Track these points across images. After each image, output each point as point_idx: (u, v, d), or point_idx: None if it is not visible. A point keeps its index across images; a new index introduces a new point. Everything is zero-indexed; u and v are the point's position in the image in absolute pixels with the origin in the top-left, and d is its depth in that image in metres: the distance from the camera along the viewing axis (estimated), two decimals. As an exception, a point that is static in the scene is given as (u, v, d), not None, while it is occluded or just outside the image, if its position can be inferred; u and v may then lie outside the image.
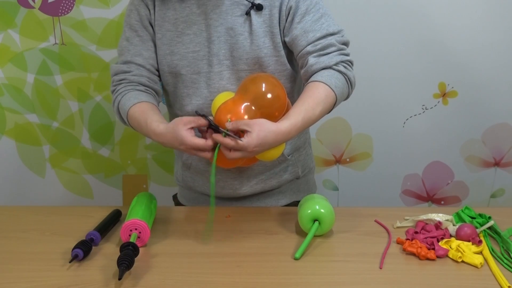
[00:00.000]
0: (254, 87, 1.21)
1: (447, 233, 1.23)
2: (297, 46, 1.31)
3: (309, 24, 1.30)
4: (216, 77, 1.34)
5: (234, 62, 1.34)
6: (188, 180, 1.50)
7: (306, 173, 1.55)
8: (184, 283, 1.06)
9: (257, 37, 1.32)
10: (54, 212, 1.35)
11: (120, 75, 1.38)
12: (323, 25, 1.30)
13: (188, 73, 1.35)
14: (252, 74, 1.29)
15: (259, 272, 1.10)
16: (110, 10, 1.87)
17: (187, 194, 1.55)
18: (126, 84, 1.37)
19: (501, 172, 2.13)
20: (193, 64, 1.34)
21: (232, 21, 1.32)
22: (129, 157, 2.08)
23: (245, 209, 1.39)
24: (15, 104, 1.98)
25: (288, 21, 1.32)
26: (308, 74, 1.30)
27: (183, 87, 1.37)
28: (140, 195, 1.32)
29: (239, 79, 1.34)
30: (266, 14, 1.32)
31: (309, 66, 1.29)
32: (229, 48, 1.33)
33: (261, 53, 1.32)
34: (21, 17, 1.86)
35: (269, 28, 1.32)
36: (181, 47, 1.34)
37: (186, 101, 1.38)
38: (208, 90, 1.35)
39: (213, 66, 1.34)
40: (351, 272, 1.11)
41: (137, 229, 1.17)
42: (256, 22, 1.32)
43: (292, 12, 1.31)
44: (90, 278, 1.07)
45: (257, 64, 1.33)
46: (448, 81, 1.99)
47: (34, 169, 2.07)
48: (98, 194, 2.12)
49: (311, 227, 1.21)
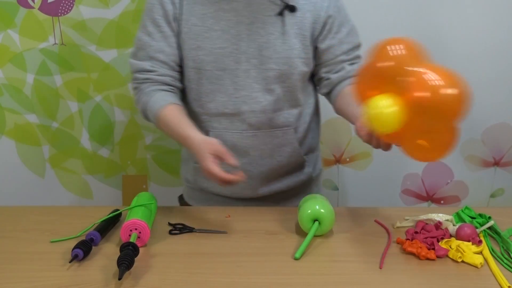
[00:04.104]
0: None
1: (447, 233, 1.24)
2: (331, 54, 1.40)
3: (344, 35, 1.39)
4: (243, 75, 1.35)
5: (262, 61, 1.34)
6: (201, 182, 1.49)
7: (318, 174, 1.56)
8: (184, 283, 1.06)
9: (289, 37, 1.34)
10: (54, 212, 1.35)
11: (144, 74, 1.37)
12: (353, 38, 1.42)
13: (214, 69, 1.34)
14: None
15: (259, 272, 1.10)
16: (109, 10, 1.87)
17: (198, 195, 1.54)
18: (150, 83, 1.36)
19: (500, 172, 2.13)
20: (219, 60, 1.34)
21: (263, 19, 1.32)
22: (129, 157, 2.08)
23: (245, 209, 1.39)
24: (14, 104, 1.97)
25: (326, 29, 1.37)
26: (344, 78, 1.41)
27: (208, 83, 1.36)
28: (140, 195, 1.32)
29: (265, 78, 1.35)
30: (298, 16, 1.34)
31: (347, 72, 1.40)
32: (258, 47, 1.33)
33: (292, 53, 1.34)
34: (21, 17, 1.86)
35: (300, 31, 1.34)
36: (208, 43, 1.33)
37: (209, 98, 1.37)
38: (233, 87, 1.35)
39: (240, 64, 1.34)
40: (351, 272, 1.11)
41: (137, 229, 1.17)
42: (288, 23, 1.33)
43: (331, 22, 1.36)
44: (90, 278, 1.07)
45: (286, 64, 1.35)
46: (448, 81, 1.99)
47: (33, 170, 2.07)
48: (98, 194, 2.12)
49: (311, 227, 1.21)
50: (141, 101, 1.37)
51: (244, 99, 1.36)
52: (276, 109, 1.39)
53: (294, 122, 1.43)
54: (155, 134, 2.05)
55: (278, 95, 1.38)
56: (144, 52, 1.37)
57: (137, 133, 2.04)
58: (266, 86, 1.36)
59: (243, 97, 1.36)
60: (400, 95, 1.05)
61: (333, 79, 1.42)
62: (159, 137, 2.05)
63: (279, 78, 1.36)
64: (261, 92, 1.36)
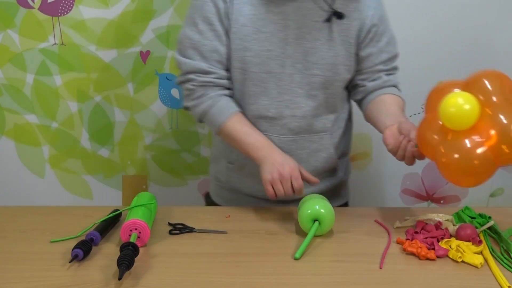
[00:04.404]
0: None
1: (447, 233, 1.24)
2: (370, 62, 1.42)
3: (384, 45, 1.41)
4: (287, 79, 1.35)
5: (307, 66, 1.34)
6: (234, 181, 1.49)
7: (347, 177, 1.58)
8: (184, 283, 1.06)
9: (335, 44, 1.34)
10: (54, 212, 1.35)
11: (203, 76, 1.35)
12: (391, 47, 1.44)
13: (259, 71, 1.34)
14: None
15: (259, 272, 1.10)
16: (109, 10, 1.87)
17: (227, 195, 1.53)
18: (212, 87, 1.36)
19: (500, 172, 2.12)
20: (265, 63, 1.33)
21: (311, 25, 1.32)
22: (129, 157, 2.08)
23: (245, 209, 1.39)
24: (14, 105, 1.97)
25: (369, 37, 1.38)
26: (379, 87, 1.43)
27: (252, 85, 1.36)
28: (140, 195, 1.32)
29: (309, 84, 1.36)
30: (345, 24, 1.34)
31: (383, 82, 1.43)
32: (304, 52, 1.33)
33: (337, 60, 1.35)
34: (21, 17, 1.86)
35: (346, 38, 1.35)
36: (255, 44, 1.33)
37: (252, 100, 1.37)
38: (277, 91, 1.35)
39: (285, 68, 1.34)
40: (351, 272, 1.11)
41: (137, 229, 1.17)
42: (335, 30, 1.34)
43: (374, 30, 1.38)
44: (90, 278, 1.07)
45: (331, 71, 1.35)
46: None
47: (33, 170, 2.07)
48: (98, 194, 2.12)
49: (311, 227, 1.21)
50: (203, 105, 1.36)
51: (287, 103, 1.36)
52: (315, 115, 1.39)
53: (330, 128, 1.43)
54: (155, 134, 2.05)
55: (319, 101, 1.38)
56: (196, 51, 1.35)
57: (137, 133, 2.04)
58: (309, 92, 1.36)
59: (286, 101, 1.36)
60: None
61: (368, 87, 1.43)
62: (159, 137, 2.05)
63: (323, 85, 1.36)
64: (304, 97, 1.36)
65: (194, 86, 1.36)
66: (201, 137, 2.06)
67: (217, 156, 1.55)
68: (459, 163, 1.10)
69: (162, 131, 2.04)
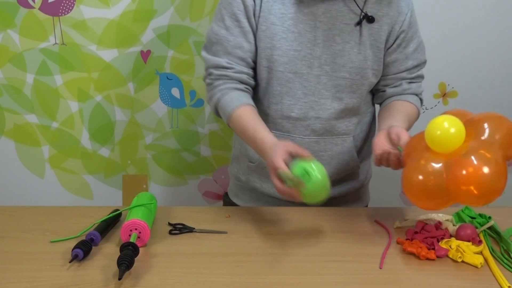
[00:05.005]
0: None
1: (447, 233, 1.23)
2: (394, 68, 1.41)
3: (411, 51, 1.40)
4: (314, 80, 1.34)
5: (335, 68, 1.33)
6: (255, 181, 1.48)
7: (368, 181, 1.57)
8: (184, 283, 1.06)
9: (364, 48, 1.34)
10: (54, 212, 1.35)
11: (220, 70, 1.34)
12: (419, 54, 1.43)
13: (285, 70, 1.33)
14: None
15: (259, 272, 1.10)
16: (110, 10, 1.87)
17: (247, 194, 1.53)
18: (226, 80, 1.34)
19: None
20: (292, 63, 1.33)
21: (340, 27, 1.32)
22: (129, 157, 2.08)
23: (245, 209, 1.39)
24: (14, 105, 1.97)
25: (396, 43, 1.37)
26: (398, 93, 1.43)
27: (277, 84, 1.35)
28: (140, 195, 1.32)
29: (336, 86, 1.35)
30: (375, 28, 1.34)
31: (403, 90, 1.43)
32: (332, 54, 1.32)
33: (365, 64, 1.34)
34: (21, 17, 1.86)
35: (375, 42, 1.35)
36: (284, 43, 1.32)
37: (276, 99, 1.36)
38: (303, 91, 1.35)
39: (312, 69, 1.33)
40: (351, 272, 1.11)
41: (137, 229, 1.17)
42: (365, 34, 1.33)
43: (402, 36, 1.37)
44: (90, 278, 1.07)
45: (359, 74, 1.35)
46: (448, 81, 1.99)
47: (33, 170, 2.07)
48: (98, 194, 2.12)
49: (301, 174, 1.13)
50: (214, 97, 1.35)
51: (312, 104, 1.35)
52: (339, 117, 1.38)
53: (353, 130, 1.43)
54: (155, 134, 2.05)
55: (346, 104, 1.37)
56: (220, 46, 1.34)
57: (137, 133, 2.04)
58: (336, 94, 1.35)
59: (311, 103, 1.35)
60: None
61: (387, 92, 1.43)
62: (159, 137, 2.05)
63: (350, 88, 1.35)
64: (330, 100, 1.36)
65: (211, 80, 1.36)
66: (201, 136, 2.06)
67: (238, 156, 1.54)
68: (416, 182, 1.08)
69: (163, 130, 2.04)
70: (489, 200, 1.06)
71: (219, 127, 2.06)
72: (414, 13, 1.40)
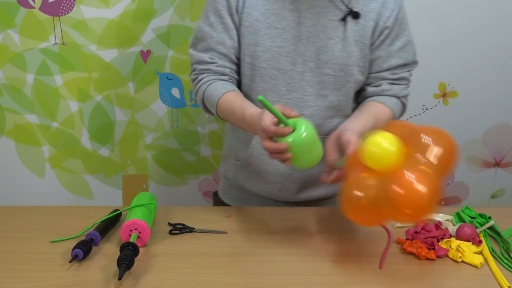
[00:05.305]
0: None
1: (447, 233, 1.24)
2: (377, 66, 1.38)
3: (396, 49, 1.36)
4: (297, 77, 1.33)
5: (319, 65, 1.32)
6: (241, 179, 1.48)
7: None
8: (184, 283, 1.06)
9: (349, 44, 1.32)
10: (54, 212, 1.35)
11: (203, 65, 1.36)
12: (405, 54, 1.38)
13: (268, 67, 1.33)
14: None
15: (259, 272, 1.10)
16: (110, 10, 1.87)
17: (235, 194, 1.53)
18: (210, 74, 1.35)
19: (501, 173, 2.13)
20: (275, 59, 1.32)
21: (325, 23, 1.31)
22: (129, 157, 2.08)
23: (245, 209, 1.39)
24: (14, 105, 1.97)
25: (380, 39, 1.35)
26: (377, 94, 1.40)
27: (261, 81, 1.35)
28: (140, 195, 1.32)
29: (320, 83, 1.33)
30: (361, 24, 1.32)
31: (382, 90, 1.39)
32: (316, 50, 1.32)
33: (349, 61, 1.32)
34: (21, 17, 1.86)
35: (361, 38, 1.33)
36: (267, 40, 1.31)
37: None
38: (286, 88, 1.34)
39: (296, 65, 1.32)
40: (351, 272, 1.11)
41: (137, 229, 1.17)
42: (350, 30, 1.32)
43: (387, 33, 1.34)
44: (90, 278, 1.07)
45: (343, 71, 1.33)
46: (449, 81, 1.99)
47: (33, 170, 2.07)
48: (98, 194, 2.12)
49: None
50: (199, 90, 1.36)
51: (295, 101, 1.34)
52: (326, 117, 1.36)
53: None
54: (156, 134, 2.05)
55: (330, 102, 1.35)
56: (205, 43, 1.35)
57: (138, 133, 2.04)
58: (320, 91, 1.34)
59: (294, 100, 1.34)
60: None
61: (367, 91, 1.41)
62: (159, 137, 2.05)
63: (334, 85, 1.34)
64: (313, 96, 1.34)
65: (195, 75, 1.38)
66: (201, 136, 2.06)
67: (227, 154, 1.54)
68: (352, 199, 1.07)
69: (163, 130, 2.04)
70: (422, 217, 1.05)
71: (219, 127, 2.06)
72: (404, 11, 1.37)
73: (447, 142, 1.08)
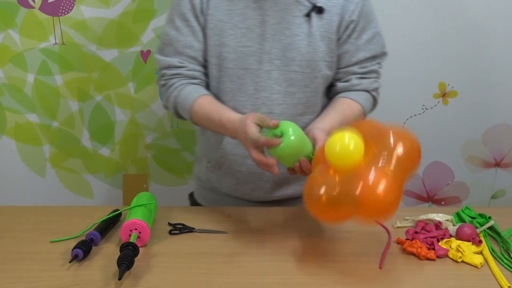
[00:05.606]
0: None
1: (447, 233, 1.24)
2: (345, 60, 1.37)
3: (363, 42, 1.35)
4: (265, 76, 1.32)
5: (285, 62, 1.32)
6: (213, 181, 1.48)
7: None
8: (184, 283, 1.06)
9: (314, 40, 1.31)
10: (54, 212, 1.35)
11: (173, 70, 1.35)
12: (373, 46, 1.37)
13: (235, 67, 1.32)
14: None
15: (259, 272, 1.10)
16: (110, 10, 1.87)
17: (208, 195, 1.53)
18: (181, 78, 1.35)
19: (501, 173, 2.13)
20: (241, 59, 1.32)
21: (289, 20, 1.30)
22: (129, 156, 2.08)
23: (245, 209, 1.39)
24: (15, 104, 1.98)
25: (346, 33, 1.34)
26: (347, 89, 1.39)
27: (228, 81, 1.34)
28: (140, 195, 1.32)
29: (288, 81, 1.33)
30: (326, 19, 1.31)
31: (351, 86, 1.38)
32: (282, 48, 1.31)
33: (316, 56, 1.32)
34: (21, 17, 1.86)
35: (327, 33, 1.32)
36: (232, 40, 1.31)
37: (228, 96, 1.35)
38: (254, 88, 1.33)
39: (263, 64, 1.32)
40: (351, 272, 1.11)
41: (137, 229, 1.17)
42: (315, 25, 1.31)
43: (353, 26, 1.33)
44: (90, 278, 1.07)
45: (310, 67, 1.32)
46: (448, 81, 1.99)
47: (34, 169, 2.07)
48: (98, 193, 2.12)
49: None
50: (171, 96, 1.35)
51: (264, 100, 1.33)
52: (295, 114, 1.35)
53: None
54: (156, 134, 2.05)
55: (299, 99, 1.35)
56: (172, 47, 1.35)
57: (138, 133, 2.04)
58: (288, 89, 1.33)
59: (263, 98, 1.33)
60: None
61: (337, 87, 1.40)
62: (160, 137, 2.05)
63: (302, 82, 1.33)
64: (282, 94, 1.33)
65: (165, 80, 1.37)
66: (201, 136, 2.06)
67: (199, 156, 1.54)
68: (314, 196, 1.07)
69: (163, 130, 2.05)
70: (383, 217, 1.04)
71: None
72: (369, 3, 1.36)
73: (411, 143, 1.09)
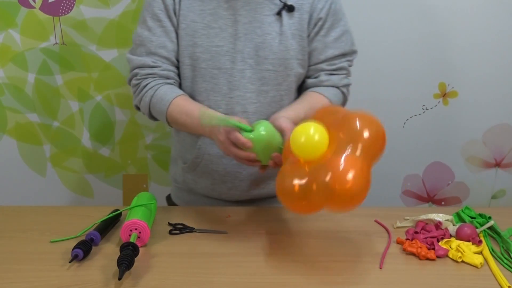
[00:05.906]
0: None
1: (447, 233, 1.24)
2: (314, 58, 1.38)
3: (331, 40, 1.37)
4: (238, 75, 1.32)
5: (258, 61, 1.32)
6: (189, 182, 1.48)
7: None
8: (184, 283, 1.06)
9: (286, 38, 1.32)
10: (54, 212, 1.35)
11: (146, 69, 1.34)
12: (342, 44, 1.38)
13: (209, 67, 1.32)
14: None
15: (259, 272, 1.10)
16: (110, 10, 1.87)
17: (185, 196, 1.53)
18: (155, 78, 1.34)
19: (502, 173, 2.13)
20: (215, 59, 1.32)
21: (260, 19, 1.31)
22: (129, 156, 2.08)
23: (245, 209, 1.39)
24: (16, 104, 1.98)
25: (314, 31, 1.35)
26: (315, 85, 1.40)
27: (202, 81, 1.34)
28: (140, 195, 1.32)
29: (261, 79, 1.33)
30: (296, 17, 1.32)
31: (320, 82, 1.39)
32: (255, 47, 1.31)
33: (288, 54, 1.33)
34: (22, 17, 1.86)
35: (298, 31, 1.33)
36: (205, 40, 1.31)
37: (202, 96, 1.35)
38: (228, 87, 1.33)
39: (236, 63, 1.32)
40: (351, 272, 1.11)
41: (137, 229, 1.17)
42: (286, 23, 1.32)
43: (320, 24, 1.34)
44: (90, 278, 1.07)
45: (283, 65, 1.33)
46: (448, 81, 1.99)
47: (35, 169, 2.07)
48: (99, 193, 2.12)
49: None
50: (146, 96, 1.34)
51: (238, 99, 1.33)
52: (270, 112, 1.33)
53: None
54: (155, 134, 2.05)
55: (272, 98, 1.35)
56: (144, 48, 1.34)
57: (138, 133, 2.04)
58: (261, 88, 1.34)
59: (237, 98, 1.33)
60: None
61: (307, 83, 1.41)
62: (159, 137, 2.05)
63: (275, 80, 1.34)
64: (255, 93, 1.34)
65: (138, 80, 1.36)
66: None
67: (175, 157, 1.54)
68: (286, 188, 1.07)
69: (163, 130, 2.05)
70: (353, 205, 1.03)
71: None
72: (339, 2, 1.37)
73: (377, 128, 1.09)
